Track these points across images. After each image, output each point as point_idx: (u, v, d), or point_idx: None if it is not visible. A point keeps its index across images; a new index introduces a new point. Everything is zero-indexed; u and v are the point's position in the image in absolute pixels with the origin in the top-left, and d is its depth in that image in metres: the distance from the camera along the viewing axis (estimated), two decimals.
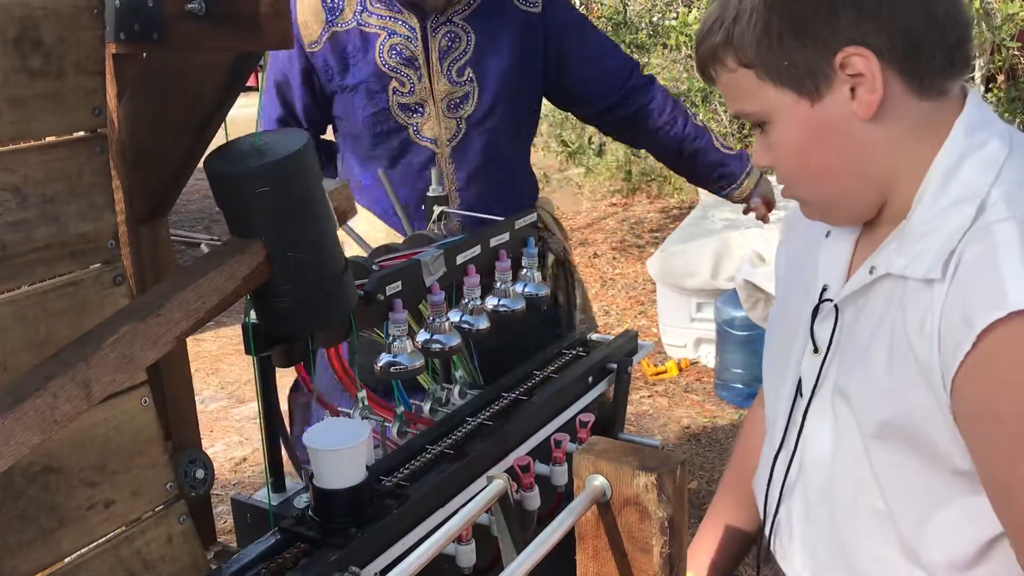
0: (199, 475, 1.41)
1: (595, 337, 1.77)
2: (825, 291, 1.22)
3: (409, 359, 1.39)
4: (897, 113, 1.10)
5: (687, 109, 2.50)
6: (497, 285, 1.60)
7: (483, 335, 1.54)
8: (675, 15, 6.11)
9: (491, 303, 1.59)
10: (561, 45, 2.30)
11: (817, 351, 1.22)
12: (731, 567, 1.48)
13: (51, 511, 1.08)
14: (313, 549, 1.15)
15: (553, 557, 0.94)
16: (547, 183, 7.31)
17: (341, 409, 1.46)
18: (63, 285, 1.10)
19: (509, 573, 0.90)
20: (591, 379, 1.64)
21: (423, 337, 1.45)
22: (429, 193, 1.90)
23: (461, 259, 1.51)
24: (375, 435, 1.43)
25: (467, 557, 1.22)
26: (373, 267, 1.43)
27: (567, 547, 1.00)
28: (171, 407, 1.43)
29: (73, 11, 1.06)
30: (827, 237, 1.25)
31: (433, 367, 1.62)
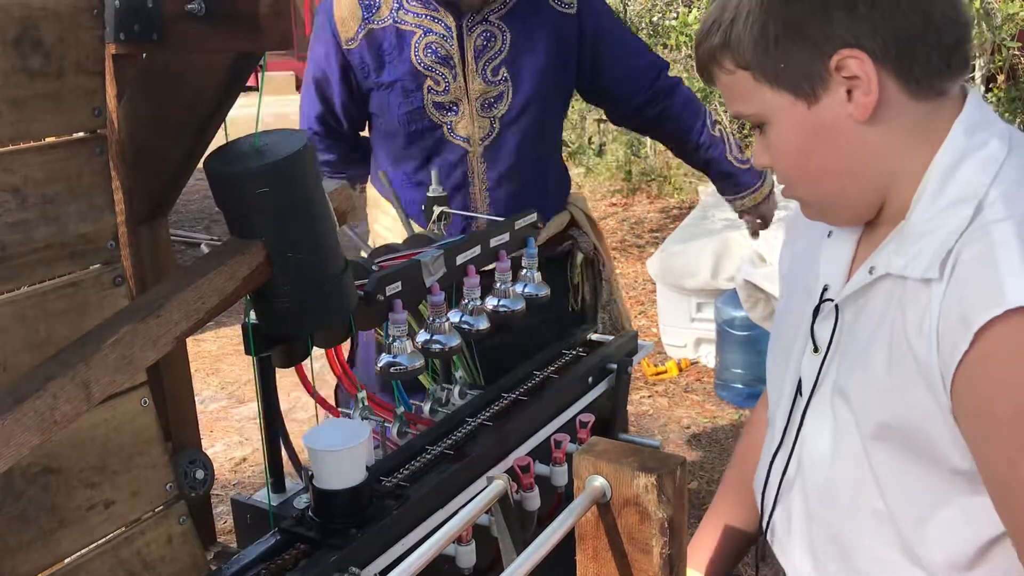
0: (199, 475, 1.41)
1: (595, 337, 1.77)
2: (826, 291, 1.23)
3: (409, 359, 1.39)
4: (894, 115, 1.10)
5: (707, 116, 2.49)
6: (497, 285, 1.60)
7: (483, 335, 1.54)
8: (675, 15, 6.11)
9: (491, 303, 1.59)
10: (596, 46, 2.31)
11: (817, 351, 1.22)
12: (731, 566, 1.48)
13: (51, 512, 1.08)
14: (313, 550, 1.15)
15: (553, 558, 0.94)
16: None
17: (341, 410, 1.46)
18: (63, 286, 1.10)
19: (509, 574, 0.90)
20: (591, 379, 1.64)
21: (423, 337, 1.45)
22: (429, 193, 1.89)
23: (461, 259, 1.51)
24: (375, 435, 1.43)
25: (467, 558, 1.22)
26: (373, 267, 1.43)
27: (567, 548, 1.00)
28: (171, 407, 1.43)
29: (73, 11, 1.06)
30: (829, 237, 1.25)
31: (433, 367, 1.62)
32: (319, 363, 1.33)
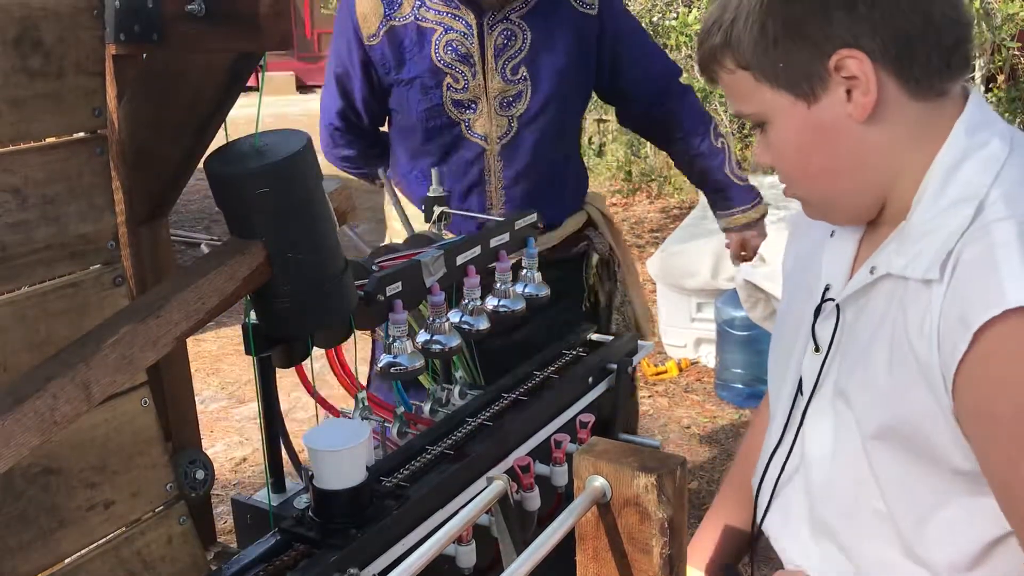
0: (199, 476, 1.41)
1: (595, 337, 1.77)
2: (828, 291, 1.23)
3: (409, 359, 1.39)
4: (894, 115, 1.10)
5: (712, 126, 2.48)
6: (497, 285, 1.60)
7: (483, 335, 1.54)
8: (675, 15, 6.11)
9: (491, 303, 1.59)
10: (615, 47, 2.31)
11: (818, 350, 1.22)
12: (737, 557, 1.48)
13: (51, 512, 1.08)
14: (313, 550, 1.15)
15: (553, 558, 0.94)
16: None
17: (341, 409, 1.46)
18: (63, 286, 1.10)
19: (509, 574, 0.90)
20: (591, 379, 1.64)
21: (423, 338, 1.45)
22: (429, 193, 1.89)
23: (461, 260, 1.51)
24: (375, 436, 1.43)
25: (467, 558, 1.22)
26: (373, 268, 1.43)
27: (567, 548, 1.00)
28: (171, 407, 1.43)
29: (73, 12, 1.06)
30: (831, 237, 1.25)
31: (433, 367, 1.62)
32: (319, 363, 1.33)
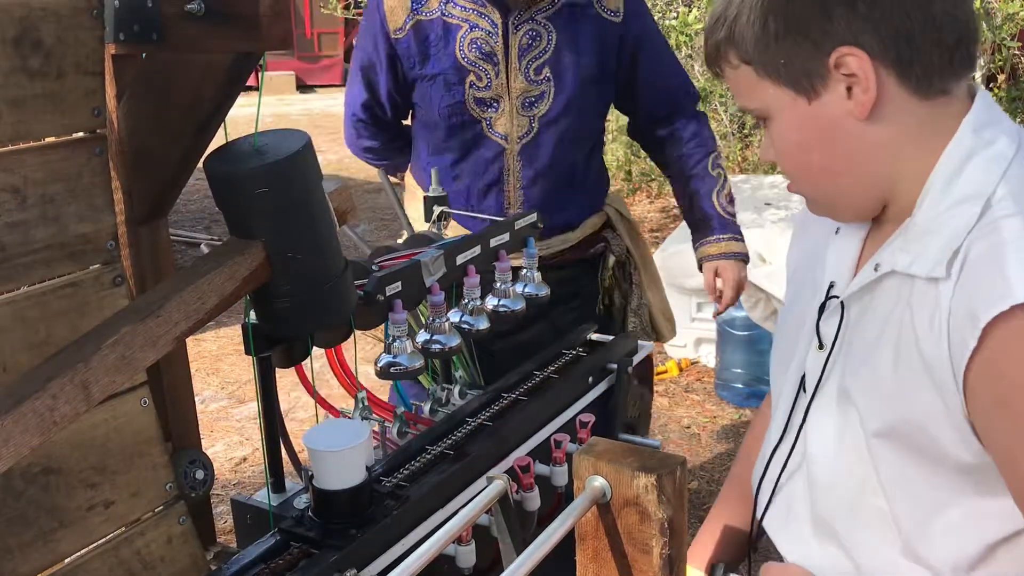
0: (199, 476, 1.41)
1: (595, 337, 1.77)
2: (832, 288, 1.23)
3: (409, 359, 1.39)
4: (895, 113, 1.10)
5: (714, 155, 2.45)
6: (497, 285, 1.60)
7: (483, 335, 1.54)
8: (675, 15, 6.10)
9: (491, 303, 1.59)
10: (636, 56, 2.30)
11: (822, 347, 1.22)
12: (738, 557, 1.48)
13: (51, 512, 1.08)
14: (313, 550, 1.15)
15: (553, 558, 0.94)
16: None
17: (341, 409, 1.46)
18: (63, 286, 1.10)
19: (509, 574, 0.90)
20: (591, 379, 1.64)
21: (423, 337, 1.45)
22: (429, 193, 1.89)
23: (461, 259, 1.51)
24: (375, 436, 1.43)
25: (467, 558, 1.22)
26: (373, 268, 1.43)
27: (567, 548, 1.00)
28: (171, 407, 1.43)
29: (73, 11, 1.06)
30: (836, 234, 1.25)
31: (433, 367, 1.62)
32: (319, 363, 1.33)
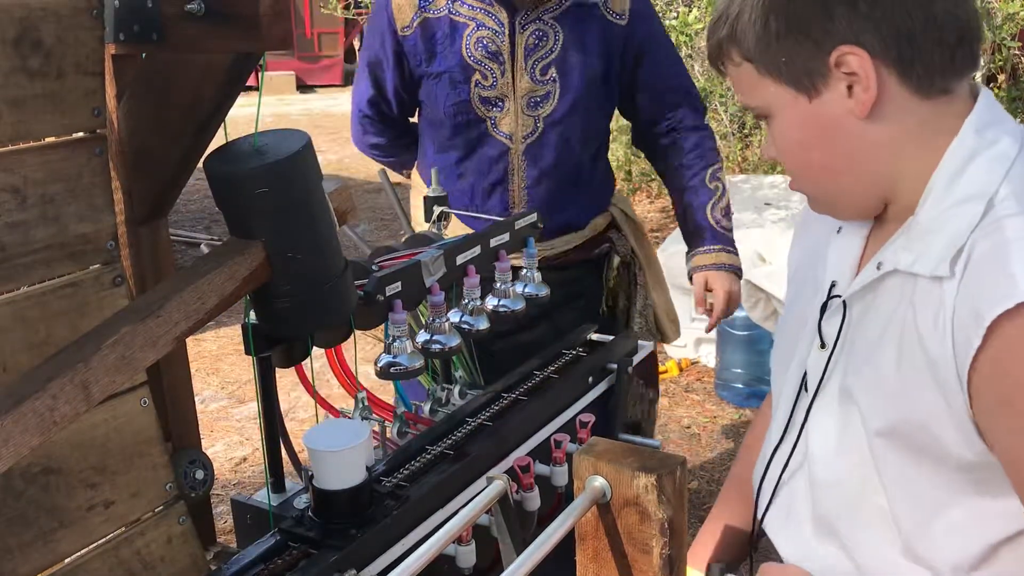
0: (199, 476, 1.41)
1: (595, 337, 1.77)
2: (834, 287, 1.23)
3: (409, 359, 1.39)
4: (896, 112, 1.10)
5: (713, 168, 2.41)
6: (497, 285, 1.60)
7: (483, 335, 1.54)
8: (675, 15, 6.10)
9: (491, 303, 1.59)
10: (639, 59, 2.29)
11: (824, 346, 1.22)
12: (738, 557, 1.48)
13: (51, 512, 1.08)
14: (313, 550, 1.15)
15: (553, 558, 0.94)
16: None
17: (341, 409, 1.46)
18: (63, 286, 1.10)
19: (509, 574, 0.90)
20: (591, 379, 1.64)
21: (423, 338, 1.45)
22: (429, 193, 1.89)
23: (461, 260, 1.51)
24: (375, 436, 1.43)
25: (467, 558, 1.22)
26: (373, 268, 1.43)
27: (567, 548, 1.00)
28: (171, 407, 1.43)
29: (73, 12, 1.06)
30: (838, 233, 1.25)
31: (433, 367, 1.62)
32: (319, 363, 1.33)
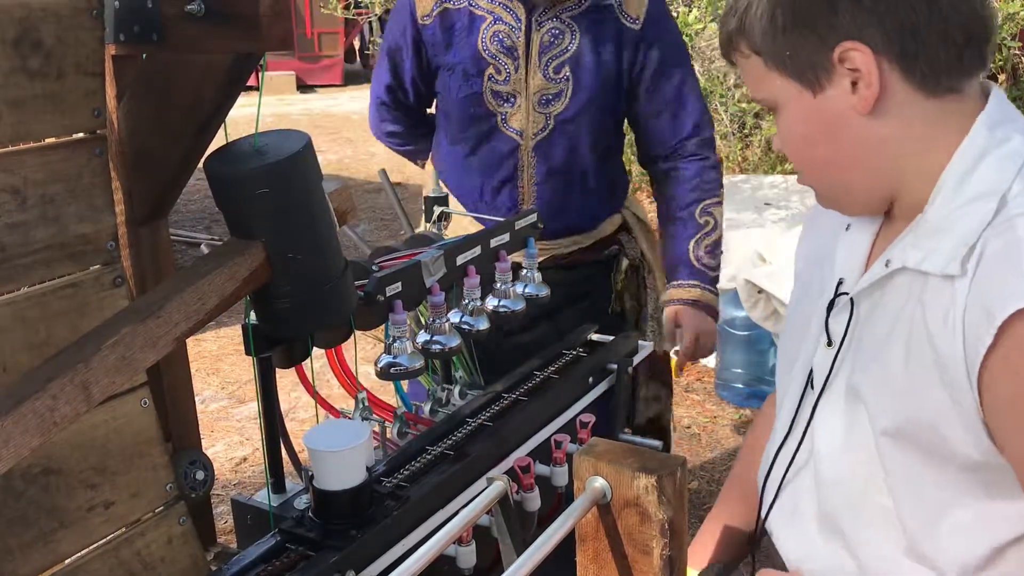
0: (199, 476, 1.41)
1: (595, 337, 1.77)
2: (841, 284, 1.23)
3: (409, 360, 1.39)
4: (899, 109, 1.10)
5: (706, 203, 2.32)
6: (497, 286, 1.60)
7: (483, 336, 1.54)
8: (675, 15, 6.11)
9: (491, 304, 1.59)
10: (643, 71, 2.24)
11: (831, 344, 1.22)
12: (737, 557, 1.48)
13: (51, 513, 1.08)
14: (313, 551, 1.15)
15: (553, 559, 0.94)
16: None
17: (341, 409, 1.46)
18: (63, 287, 1.10)
19: (510, 575, 0.90)
20: (591, 379, 1.64)
21: (423, 338, 1.45)
22: (430, 194, 1.89)
23: (461, 260, 1.51)
24: (375, 436, 1.43)
25: (467, 558, 1.22)
26: (373, 268, 1.43)
27: (567, 549, 1.00)
28: (171, 408, 1.43)
29: (73, 12, 1.06)
30: (847, 231, 1.25)
31: (433, 367, 1.62)
32: (319, 363, 1.33)
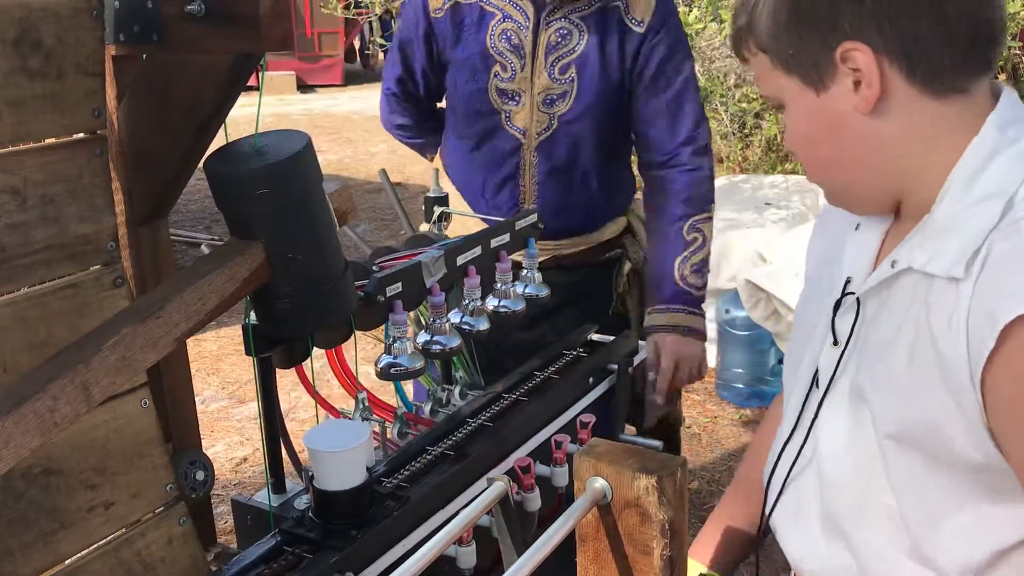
0: (199, 476, 1.41)
1: (595, 338, 1.77)
2: (848, 284, 1.23)
3: (409, 360, 1.39)
4: (902, 109, 1.10)
5: (695, 217, 2.29)
6: (497, 286, 1.60)
7: (483, 336, 1.54)
8: None
9: (491, 304, 1.59)
10: (642, 75, 2.23)
11: (837, 343, 1.22)
12: (738, 558, 1.48)
13: (51, 513, 1.07)
14: (313, 551, 1.15)
15: (554, 559, 0.94)
16: None
17: (341, 409, 1.46)
18: (63, 287, 1.10)
19: (510, 575, 0.89)
20: (592, 380, 1.64)
21: (423, 338, 1.45)
22: (430, 194, 1.89)
23: (461, 260, 1.51)
24: (375, 436, 1.43)
25: (468, 559, 1.22)
26: (373, 268, 1.43)
27: (568, 549, 0.99)
28: (171, 408, 1.43)
29: (73, 12, 1.06)
30: (856, 230, 1.25)
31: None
32: (319, 363, 1.33)
